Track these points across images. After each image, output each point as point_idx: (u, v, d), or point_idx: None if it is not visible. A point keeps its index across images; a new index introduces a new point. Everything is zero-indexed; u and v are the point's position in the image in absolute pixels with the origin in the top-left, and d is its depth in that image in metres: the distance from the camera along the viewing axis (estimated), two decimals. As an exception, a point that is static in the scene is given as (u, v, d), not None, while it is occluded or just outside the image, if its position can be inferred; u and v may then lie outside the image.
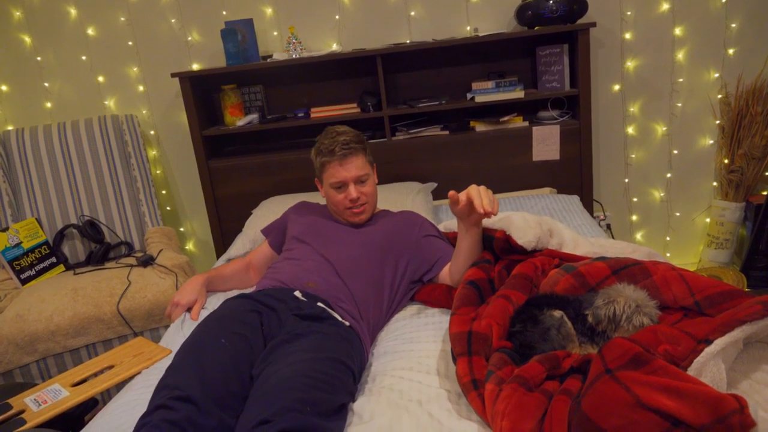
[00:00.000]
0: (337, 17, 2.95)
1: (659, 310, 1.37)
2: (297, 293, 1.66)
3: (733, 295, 1.31)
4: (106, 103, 3.11)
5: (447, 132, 2.87)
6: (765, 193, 2.88)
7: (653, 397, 0.87)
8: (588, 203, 2.86)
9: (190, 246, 3.35)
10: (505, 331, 1.39)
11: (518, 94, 2.76)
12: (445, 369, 1.45)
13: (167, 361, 1.67)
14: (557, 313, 1.38)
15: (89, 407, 1.74)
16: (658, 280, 1.42)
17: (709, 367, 0.95)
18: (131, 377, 1.69)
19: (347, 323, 1.61)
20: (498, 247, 1.73)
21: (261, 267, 2.10)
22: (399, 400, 1.35)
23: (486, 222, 1.81)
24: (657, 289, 1.41)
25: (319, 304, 1.63)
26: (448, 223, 2.06)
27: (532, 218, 1.73)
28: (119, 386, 1.69)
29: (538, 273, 1.59)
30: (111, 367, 1.78)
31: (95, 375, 1.77)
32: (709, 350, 0.97)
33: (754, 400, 0.95)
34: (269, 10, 2.96)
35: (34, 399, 1.64)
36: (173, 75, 2.76)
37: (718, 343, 0.98)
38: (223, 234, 3.01)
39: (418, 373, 1.44)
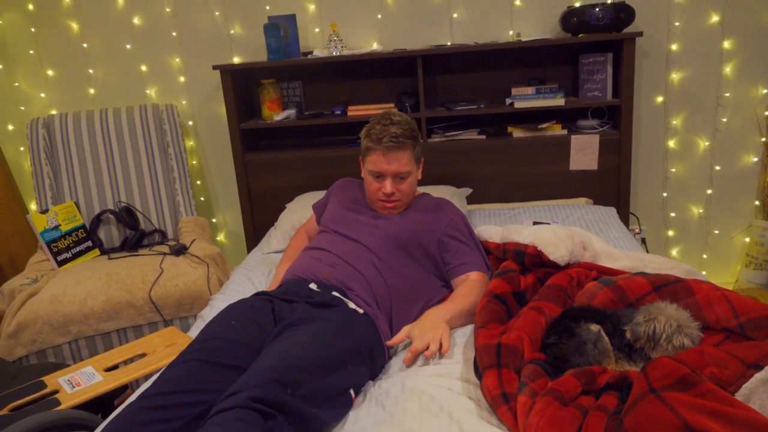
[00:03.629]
0: (379, 16, 2.95)
1: (701, 330, 1.34)
2: (312, 285, 1.67)
3: (780, 320, 1.27)
4: (147, 91, 3.16)
5: (484, 136, 2.85)
6: (809, 214, 2.80)
7: (701, 420, 0.84)
8: (624, 216, 2.81)
9: (221, 237, 3.38)
10: (537, 343, 1.37)
11: (558, 101, 2.72)
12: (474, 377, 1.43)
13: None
14: (594, 327, 1.36)
15: (119, 392, 1.76)
16: (701, 299, 1.39)
17: (759, 394, 0.92)
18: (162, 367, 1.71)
19: (361, 310, 1.61)
20: (529, 263, 1.70)
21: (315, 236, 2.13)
22: (430, 404, 1.34)
23: (513, 236, 1.79)
24: (699, 308, 1.38)
25: (334, 293, 1.65)
26: (482, 230, 2.02)
27: (563, 231, 1.70)
28: (149, 374, 1.71)
29: (573, 284, 1.57)
30: (143, 354, 1.81)
31: (126, 362, 1.79)
32: (759, 376, 0.94)
33: (804, 431, 0.92)
34: (312, 7, 2.97)
35: (68, 380, 1.66)
36: (215, 67, 2.79)
37: (769, 370, 0.95)
38: (255, 227, 3.03)
39: (449, 380, 1.43)
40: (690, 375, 0.92)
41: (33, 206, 3.25)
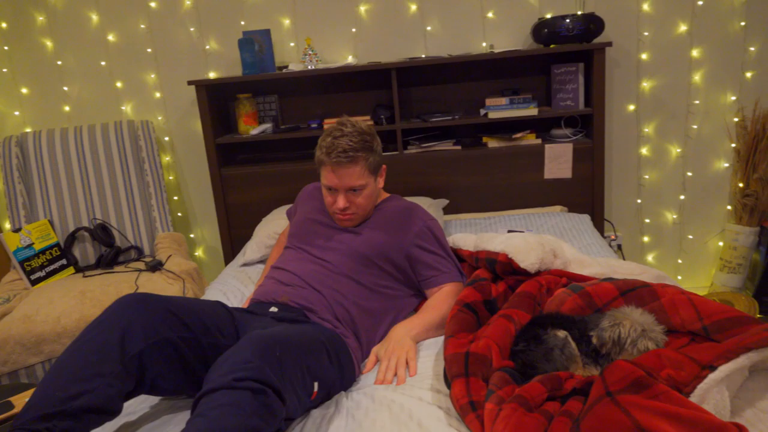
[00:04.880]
0: (353, 30, 2.97)
1: (666, 333, 1.35)
2: (273, 309, 1.66)
3: (742, 321, 1.28)
4: (123, 108, 3.15)
5: (459, 147, 2.87)
6: (780, 218, 2.85)
7: (653, 422, 0.85)
8: (599, 223, 2.83)
9: (199, 252, 3.37)
10: (505, 351, 1.37)
11: (532, 111, 2.75)
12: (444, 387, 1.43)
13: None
14: (561, 333, 1.37)
15: None
16: (666, 303, 1.40)
17: (713, 394, 0.93)
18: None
19: (328, 326, 1.61)
20: (501, 270, 1.71)
21: None
22: (400, 414, 1.34)
23: (485, 245, 1.80)
24: (665, 312, 1.39)
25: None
26: (456, 238, 2.03)
27: (534, 239, 1.72)
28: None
29: (542, 291, 1.58)
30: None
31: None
32: (713, 377, 0.95)
33: (758, 429, 0.93)
34: (287, 21, 2.99)
35: (37, 400, 1.64)
36: (190, 83, 2.79)
37: (723, 370, 0.96)
38: (233, 241, 3.02)
39: (420, 390, 1.43)
40: (644, 377, 0.93)
41: (7, 225, 3.21)
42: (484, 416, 1.20)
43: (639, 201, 3.08)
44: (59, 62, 3.10)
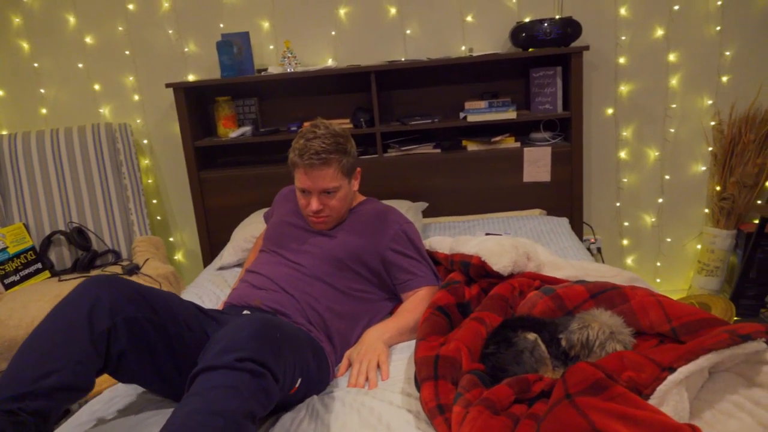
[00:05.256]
0: (333, 33, 2.97)
1: (635, 335, 1.36)
2: (246, 312, 1.65)
3: (710, 323, 1.29)
4: (101, 111, 3.12)
5: (439, 150, 2.87)
6: (756, 221, 2.87)
7: (608, 424, 0.85)
8: (578, 226, 2.85)
9: (179, 256, 3.34)
10: (476, 353, 1.37)
11: (510, 114, 2.76)
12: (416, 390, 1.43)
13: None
14: (531, 336, 1.37)
15: (61, 416, 1.71)
16: (636, 305, 1.41)
17: (672, 396, 0.94)
18: (101, 392, 1.67)
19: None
20: (474, 273, 1.71)
21: None
22: (369, 418, 1.33)
23: (460, 248, 1.79)
24: (634, 314, 1.40)
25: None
26: (433, 241, 2.03)
27: (507, 242, 1.72)
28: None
29: (515, 294, 1.58)
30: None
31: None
32: (672, 378, 0.96)
33: (715, 430, 0.93)
34: (266, 24, 2.98)
35: (4, 406, 1.61)
36: (167, 85, 2.77)
37: (682, 371, 0.96)
38: (212, 245, 3.00)
39: (392, 394, 1.43)
40: (603, 379, 0.93)
41: (-17, 229, 3.17)
42: (451, 419, 1.19)
43: (618, 204, 3.10)
44: (36, 64, 3.06)
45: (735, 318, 2.82)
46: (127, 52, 3.04)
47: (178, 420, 1.07)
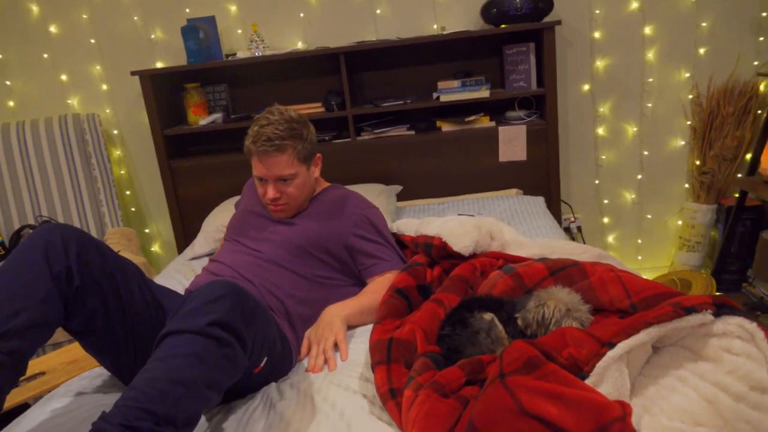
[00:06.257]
0: (301, 15, 2.91)
1: (594, 312, 1.32)
2: None
3: (670, 297, 1.25)
4: (69, 101, 3.06)
5: (413, 132, 2.82)
6: (736, 195, 2.83)
7: (537, 403, 0.82)
8: (556, 205, 2.81)
9: (156, 248, 3.30)
10: (432, 336, 1.34)
11: (483, 93, 2.71)
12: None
13: (99, 371, 1.61)
14: (488, 316, 1.33)
15: (19, 411, 1.68)
16: (595, 281, 1.37)
17: (611, 372, 0.90)
18: (58, 385, 1.63)
19: None
20: (437, 255, 1.68)
21: None
22: (322, 404, 1.30)
23: (424, 229, 1.76)
24: (594, 290, 1.36)
25: None
26: (400, 224, 1.99)
27: (470, 222, 1.68)
28: (45, 392, 1.63)
29: (476, 274, 1.54)
30: (43, 373, 1.73)
31: (26, 380, 1.71)
32: (611, 354, 0.92)
33: (658, 407, 0.90)
34: (233, 8, 2.92)
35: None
36: (133, 73, 2.71)
37: (621, 347, 0.92)
38: (186, 235, 2.96)
39: (349, 378, 1.39)
40: (536, 357, 0.90)
41: (-46, 225, 3.12)
42: (402, 402, 1.16)
43: (597, 182, 3.06)
44: (0, 56, 3.00)
45: (716, 293, 2.79)
46: (93, 41, 2.98)
47: (139, 386, 1.06)
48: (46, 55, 3.00)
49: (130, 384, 1.08)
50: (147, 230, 3.26)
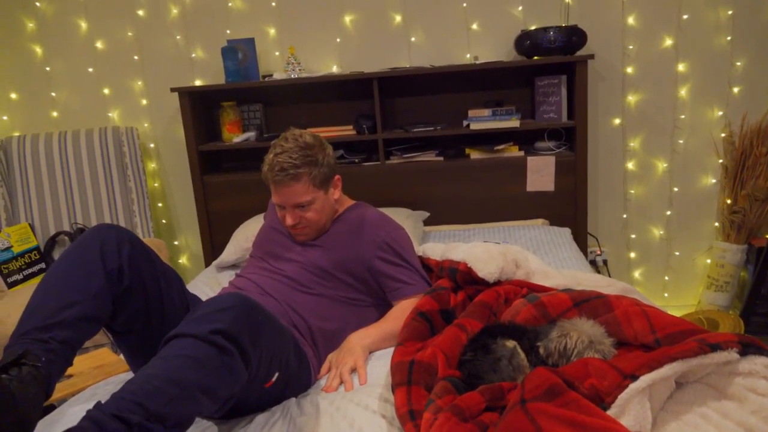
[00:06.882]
0: (338, 40, 2.98)
1: (618, 346, 1.32)
2: None
3: (695, 334, 1.25)
4: (110, 114, 3.17)
5: (441, 158, 2.85)
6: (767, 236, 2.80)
7: (556, 430, 0.82)
8: (582, 237, 2.80)
9: (183, 260, 3.36)
10: (453, 360, 1.34)
11: (514, 123, 2.73)
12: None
13: (125, 376, 1.65)
14: (510, 344, 1.34)
15: (46, 412, 1.72)
16: (620, 314, 1.37)
17: (633, 405, 0.90)
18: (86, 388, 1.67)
19: None
20: (461, 280, 1.69)
21: None
22: (341, 423, 1.31)
23: (450, 254, 1.77)
24: (618, 324, 1.36)
25: None
26: (426, 247, 2.00)
27: (496, 249, 1.69)
28: (72, 395, 1.67)
29: (500, 301, 1.55)
30: (70, 376, 1.77)
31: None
32: (633, 386, 0.92)
33: (679, 444, 0.89)
34: (272, 31, 3.00)
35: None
36: (173, 90, 2.80)
37: (644, 380, 0.92)
38: (214, 249, 3.01)
39: (369, 398, 1.40)
40: (558, 384, 0.90)
41: (-7, 229, 3.23)
42: (421, 424, 1.16)
43: (625, 216, 3.04)
44: (48, 68, 3.12)
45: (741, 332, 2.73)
46: (136, 57, 3.09)
47: (138, 380, 1.09)
48: (91, 69, 3.11)
49: (131, 378, 1.12)
50: (176, 242, 3.33)
